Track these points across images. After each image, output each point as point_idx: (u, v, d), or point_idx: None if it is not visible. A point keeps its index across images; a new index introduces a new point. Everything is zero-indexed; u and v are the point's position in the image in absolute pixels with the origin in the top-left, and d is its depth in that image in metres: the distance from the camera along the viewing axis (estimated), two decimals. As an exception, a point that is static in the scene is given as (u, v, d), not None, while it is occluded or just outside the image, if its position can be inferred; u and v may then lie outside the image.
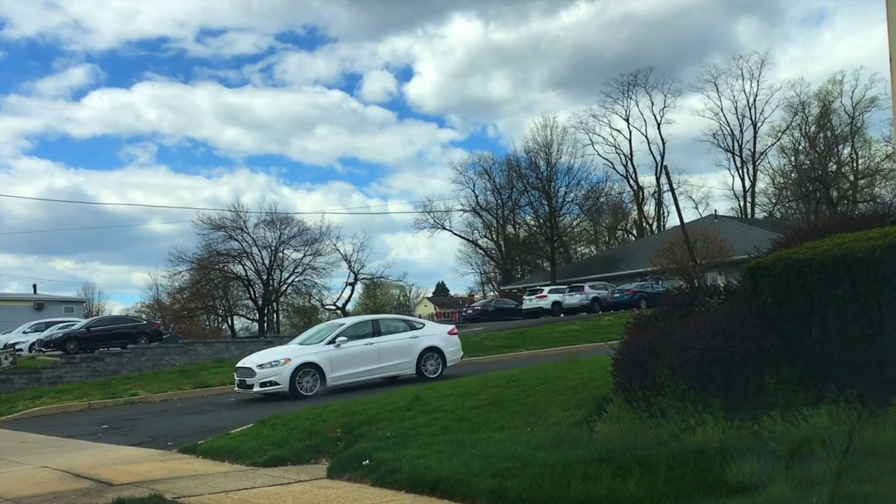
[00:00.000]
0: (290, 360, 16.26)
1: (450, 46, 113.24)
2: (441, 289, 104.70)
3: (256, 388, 16.16)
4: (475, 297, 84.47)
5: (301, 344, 17.47)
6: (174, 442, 11.41)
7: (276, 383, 16.02)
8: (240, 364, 17.20)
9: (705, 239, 39.15)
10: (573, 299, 40.27)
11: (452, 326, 19.30)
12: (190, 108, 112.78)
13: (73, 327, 31.43)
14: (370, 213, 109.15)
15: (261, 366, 16.34)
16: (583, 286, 41.17)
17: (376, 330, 17.47)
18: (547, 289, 42.77)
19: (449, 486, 6.27)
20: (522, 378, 10.12)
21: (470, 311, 43.66)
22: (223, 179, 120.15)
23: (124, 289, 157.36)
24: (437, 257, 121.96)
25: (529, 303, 41.68)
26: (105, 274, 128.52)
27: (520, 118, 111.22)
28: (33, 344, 31.46)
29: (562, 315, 38.73)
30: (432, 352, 17.64)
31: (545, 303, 40.74)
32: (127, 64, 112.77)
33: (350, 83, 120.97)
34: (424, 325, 18.80)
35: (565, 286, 42.60)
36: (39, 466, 9.72)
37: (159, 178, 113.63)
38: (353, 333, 17.10)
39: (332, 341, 16.69)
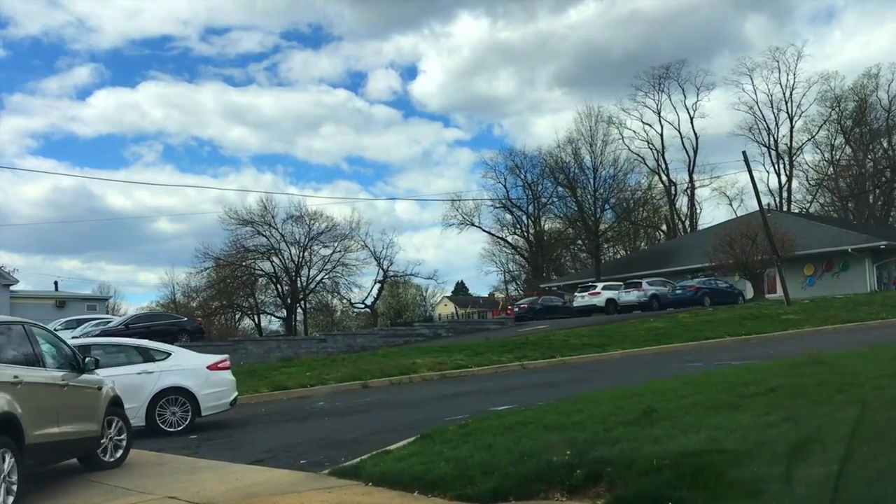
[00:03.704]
0: None
1: (456, 45, 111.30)
2: (460, 288, 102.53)
3: None
4: (497, 296, 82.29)
5: None
6: (307, 460, 9.23)
7: None
8: None
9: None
10: (630, 296, 38.07)
11: (222, 358, 13.60)
12: (195, 107, 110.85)
13: (111, 325, 29.16)
14: (403, 199, 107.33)
15: None
16: (640, 282, 38.93)
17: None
18: (600, 285, 40.53)
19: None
20: (808, 384, 7.89)
21: (517, 309, 41.53)
22: (229, 179, 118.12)
23: (130, 287, 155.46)
24: (447, 258, 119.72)
25: (581, 300, 39.57)
26: (112, 273, 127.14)
27: (525, 117, 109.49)
28: (66, 342, 29.40)
29: (616, 313, 36.60)
30: (175, 394, 12.47)
31: (598, 300, 38.64)
32: (131, 63, 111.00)
33: (355, 82, 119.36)
34: (170, 354, 13.06)
35: (619, 283, 40.37)
36: (164, 497, 7.47)
37: (165, 178, 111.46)
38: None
39: None
